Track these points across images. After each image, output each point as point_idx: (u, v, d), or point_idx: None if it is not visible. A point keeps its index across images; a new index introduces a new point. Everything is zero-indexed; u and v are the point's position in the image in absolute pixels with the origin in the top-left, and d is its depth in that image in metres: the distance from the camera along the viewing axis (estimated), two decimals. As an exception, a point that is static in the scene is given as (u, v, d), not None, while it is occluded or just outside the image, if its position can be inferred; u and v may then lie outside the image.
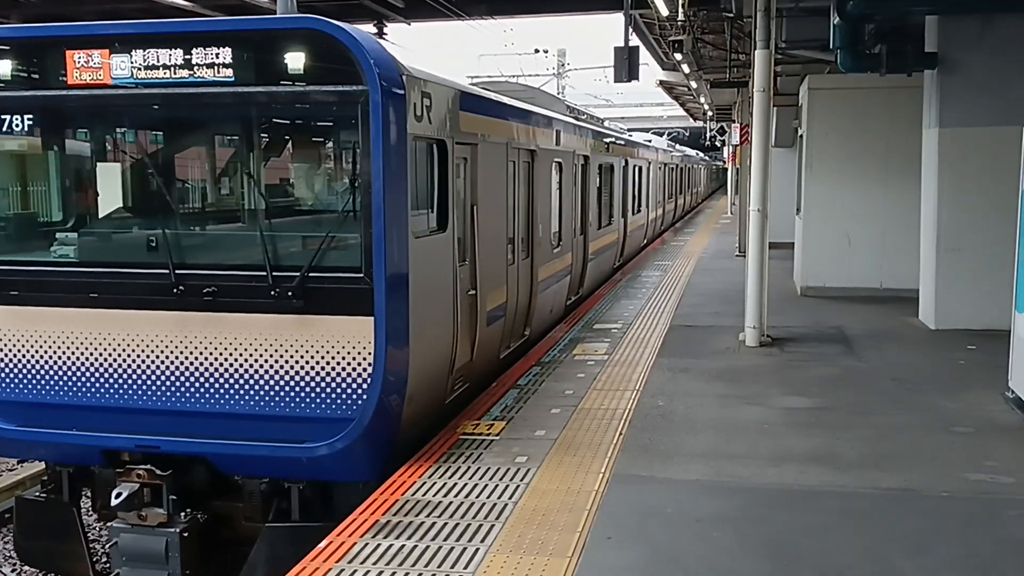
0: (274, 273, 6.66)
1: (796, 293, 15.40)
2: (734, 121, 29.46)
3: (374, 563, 5.11)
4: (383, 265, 6.41)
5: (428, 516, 5.75)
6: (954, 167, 11.75)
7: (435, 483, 6.33)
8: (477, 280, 8.41)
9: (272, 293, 6.63)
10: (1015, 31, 11.39)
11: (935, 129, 11.86)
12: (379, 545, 5.33)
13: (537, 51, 50.93)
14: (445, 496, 6.09)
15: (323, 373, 6.65)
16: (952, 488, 6.26)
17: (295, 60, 6.38)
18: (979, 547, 5.36)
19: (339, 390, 6.64)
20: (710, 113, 38.42)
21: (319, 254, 6.62)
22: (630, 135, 23.73)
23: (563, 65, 53.43)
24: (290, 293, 6.57)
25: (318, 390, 6.67)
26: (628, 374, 9.50)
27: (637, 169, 21.78)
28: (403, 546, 5.31)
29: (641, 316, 13.06)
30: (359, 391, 6.59)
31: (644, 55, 23.26)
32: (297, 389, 6.71)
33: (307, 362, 6.67)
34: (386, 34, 16.05)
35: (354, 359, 6.58)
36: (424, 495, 6.11)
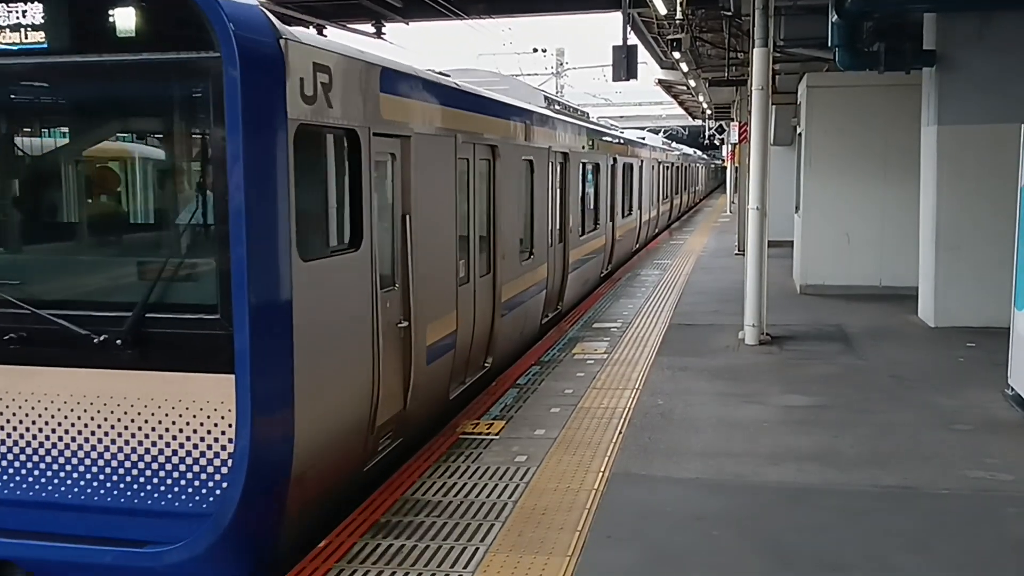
0: (98, 313, 4.92)
1: (795, 291, 15.40)
2: (733, 119, 29.45)
3: (373, 563, 5.10)
4: (245, 301, 4.69)
5: (427, 516, 5.75)
6: (953, 165, 11.75)
7: (434, 482, 6.33)
8: (411, 309, 6.82)
9: (95, 341, 4.85)
10: (1014, 29, 11.39)
11: (934, 127, 11.86)
12: (378, 545, 5.33)
13: (536, 50, 50.88)
14: (444, 495, 6.08)
15: (167, 452, 4.91)
16: (952, 485, 6.26)
17: (125, 18, 4.73)
18: (979, 544, 5.35)
19: (189, 475, 4.88)
20: (709, 112, 38.36)
21: (158, 286, 4.89)
22: (621, 131, 22.15)
23: (562, 64, 53.41)
24: (119, 341, 4.81)
25: (161, 475, 4.92)
26: (628, 373, 9.50)
27: (628, 168, 20.25)
28: (402, 546, 5.31)
29: (640, 315, 13.06)
30: (216, 477, 4.85)
31: (643, 54, 23.26)
32: (134, 473, 4.95)
33: (146, 436, 4.91)
34: (384, 33, 16.03)
35: (209, 432, 4.84)
36: (423, 495, 6.11)
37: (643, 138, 26.91)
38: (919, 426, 7.63)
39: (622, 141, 20.05)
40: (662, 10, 15.38)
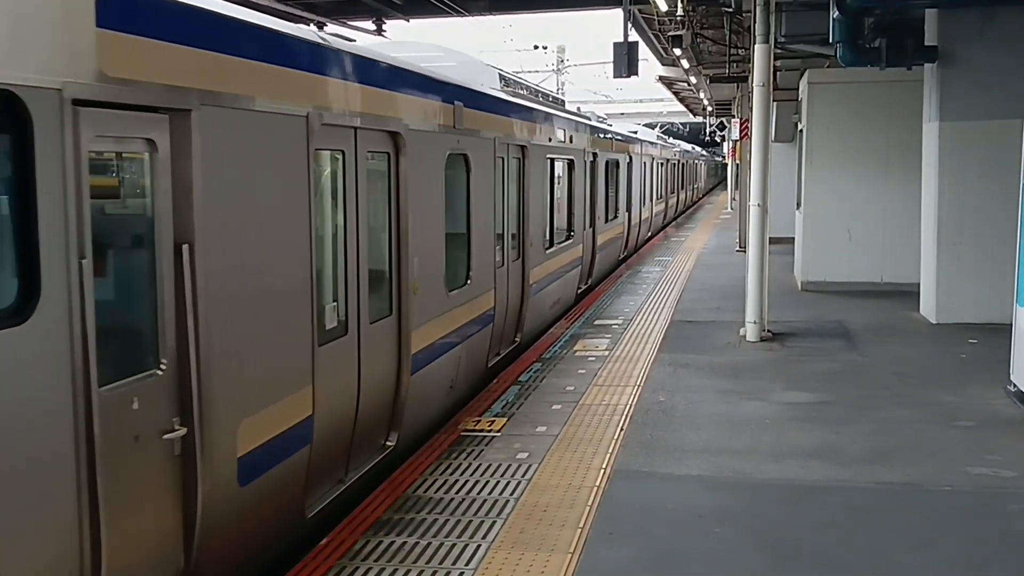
0: None
1: (797, 288, 15.38)
2: (734, 116, 29.43)
3: (376, 560, 5.10)
4: None
5: (429, 513, 5.74)
6: (955, 161, 11.73)
7: (436, 480, 6.32)
8: (198, 401, 4.40)
9: None
10: (1015, 24, 11.37)
11: (935, 123, 11.84)
12: (380, 542, 5.32)
13: (536, 47, 50.93)
14: (446, 493, 6.08)
15: None
16: (954, 482, 6.25)
17: None
18: (982, 541, 5.34)
19: None
20: (710, 108, 38.34)
21: None
22: (606, 124, 19.66)
23: (563, 61, 53.44)
24: None
25: None
26: (629, 370, 9.49)
27: (613, 166, 18.03)
28: (404, 543, 5.30)
29: (642, 312, 13.05)
30: None
31: (643, 51, 23.16)
32: None
33: None
34: (385, 31, 16.01)
35: None
36: (425, 492, 6.10)
37: (635, 132, 24.28)
38: (921, 423, 7.62)
39: (607, 135, 17.73)
40: (663, 7, 15.38)
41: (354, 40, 7.45)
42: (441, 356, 7.76)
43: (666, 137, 36.05)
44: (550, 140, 12.10)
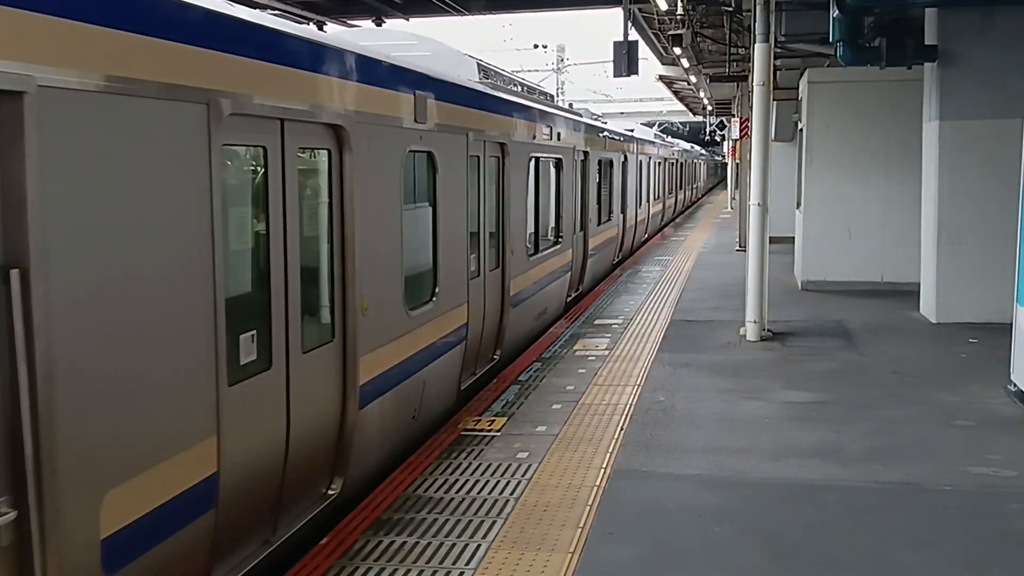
0: None
1: (797, 287, 15.38)
2: (734, 115, 29.43)
3: (376, 560, 5.10)
4: None
5: (429, 512, 5.74)
6: (955, 160, 11.73)
7: (436, 479, 6.32)
8: (35, 474, 3.47)
9: None
10: (1015, 24, 11.37)
11: (935, 122, 11.84)
12: (380, 542, 5.32)
13: (536, 47, 50.99)
14: (446, 492, 6.08)
15: None
16: (954, 482, 6.25)
17: None
18: (982, 541, 5.34)
19: None
20: (709, 108, 38.36)
21: None
22: (599, 122, 18.40)
23: (562, 60, 53.46)
24: None
25: None
26: (629, 369, 9.49)
27: (607, 165, 17.24)
28: (404, 542, 5.30)
29: (642, 311, 13.05)
30: None
31: (643, 50, 23.18)
32: None
33: None
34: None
35: None
36: (425, 491, 6.10)
37: (631, 130, 22.78)
38: (921, 422, 7.62)
39: (600, 133, 16.88)
40: (663, 6, 15.39)
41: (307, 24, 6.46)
42: (400, 384, 6.79)
43: (663, 136, 35.20)
44: (534, 137, 11.14)
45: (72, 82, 3.55)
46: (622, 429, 7.41)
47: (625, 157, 19.93)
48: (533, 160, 11.28)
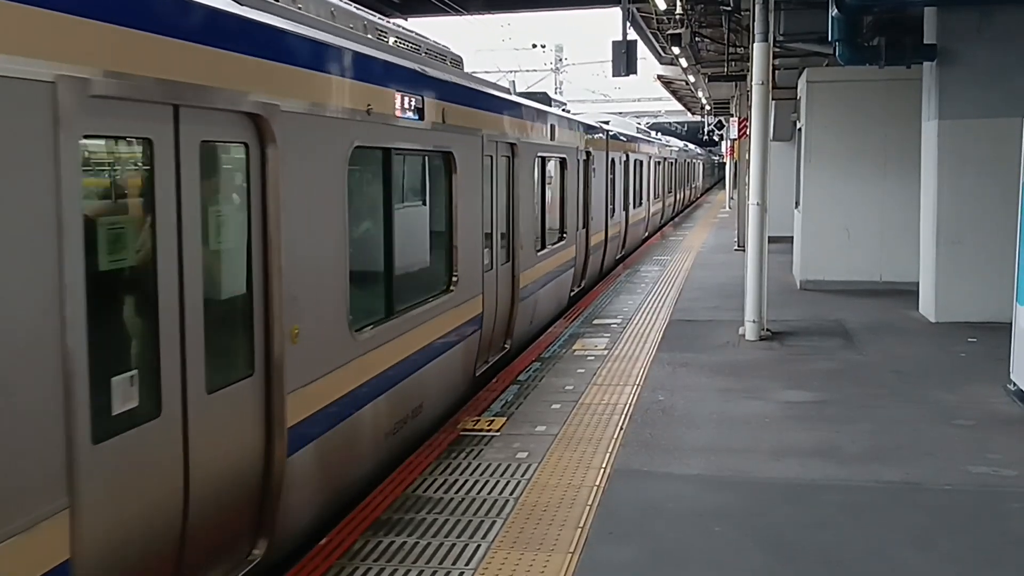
0: None
1: (796, 287, 15.38)
2: (732, 115, 29.42)
3: (375, 560, 5.09)
4: None
5: (428, 513, 5.73)
6: (954, 159, 11.72)
7: (435, 479, 6.31)
8: None
9: None
10: (1014, 22, 11.37)
11: (934, 121, 11.83)
12: (380, 542, 5.31)
13: (535, 46, 50.94)
14: (446, 492, 6.06)
15: None
16: (954, 481, 6.24)
17: None
18: (982, 540, 5.34)
19: None
20: (708, 107, 38.34)
21: None
22: (568, 113, 15.55)
23: (561, 60, 53.46)
24: None
25: None
26: (628, 369, 9.48)
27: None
28: (404, 543, 5.29)
29: (641, 311, 13.04)
30: None
31: (642, 50, 23.20)
32: None
33: None
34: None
35: None
36: (424, 491, 6.09)
37: (606, 122, 19.84)
38: (921, 422, 7.61)
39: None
40: (662, 5, 15.39)
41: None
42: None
43: (650, 132, 32.73)
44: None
45: None
46: (621, 429, 7.40)
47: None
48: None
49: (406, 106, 6.78)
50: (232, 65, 4.59)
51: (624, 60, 15.17)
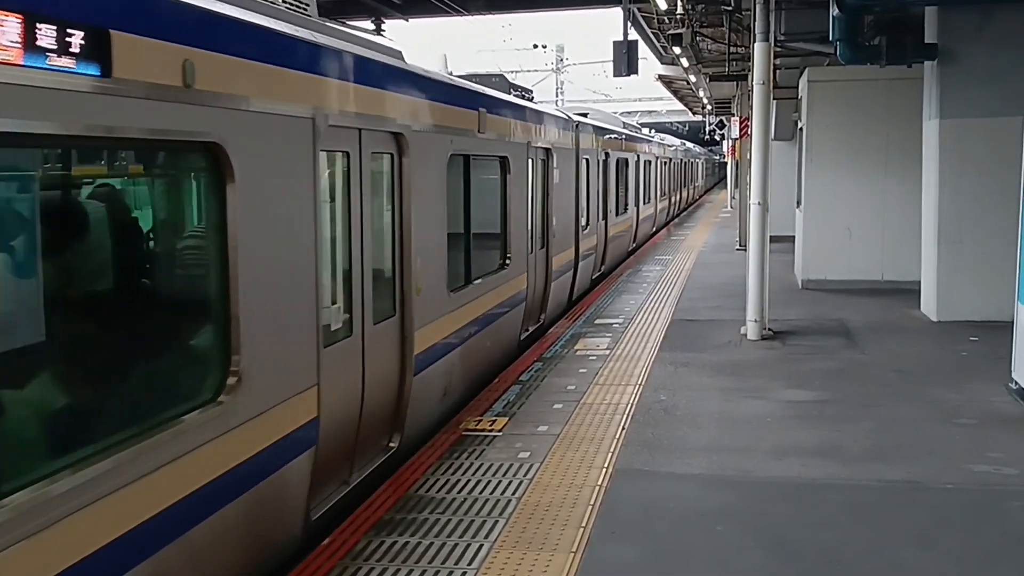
0: None
1: (797, 286, 15.38)
2: (733, 115, 29.41)
3: (378, 560, 5.10)
4: None
5: (431, 512, 5.74)
6: (955, 159, 11.73)
7: (438, 479, 6.32)
8: None
9: None
10: (1015, 22, 11.37)
11: (935, 120, 11.84)
12: (382, 542, 5.32)
13: (536, 46, 50.91)
14: (448, 492, 6.08)
15: None
16: (956, 480, 6.25)
17: None
18: (984, 539, 5.34)
19: None
20: (709, 107, 38.32)
21: None
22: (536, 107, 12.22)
23: (562, 60, 53.46)
24: None
25: None
26: (630, 369, 9.49)
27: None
28: (406, 543, 5.30)
29: (642, 311, 13.05)
30: None
31: (643, 49, 23.18)
32: None
33: None
34: (384, 31, 16.02)
35: None
36: (427, 491, 6.10)
37: (584, 114, 16.81)
38: (922, 420, 7.62)
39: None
40: (662, 5, 15.40)
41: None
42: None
43: (642, 129, 30.13)
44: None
45: None
46: (623, 428, 7.41)
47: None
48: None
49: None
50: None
51: (625, 60, 15.18)
